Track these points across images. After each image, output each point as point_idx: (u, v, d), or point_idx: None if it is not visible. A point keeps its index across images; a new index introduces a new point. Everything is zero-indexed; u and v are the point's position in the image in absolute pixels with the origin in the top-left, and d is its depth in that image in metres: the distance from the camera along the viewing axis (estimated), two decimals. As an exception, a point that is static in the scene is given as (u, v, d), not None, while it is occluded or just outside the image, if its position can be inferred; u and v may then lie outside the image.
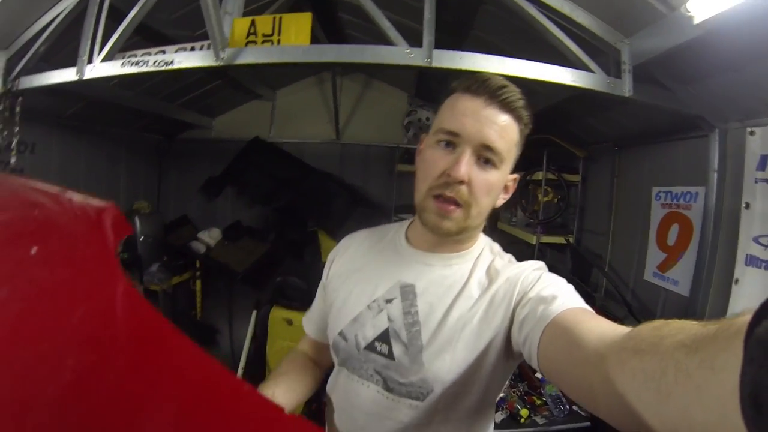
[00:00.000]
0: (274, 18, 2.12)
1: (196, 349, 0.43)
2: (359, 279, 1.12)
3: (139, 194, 4.89)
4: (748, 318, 0.31)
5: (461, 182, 0.92)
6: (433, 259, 1.07)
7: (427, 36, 1.99)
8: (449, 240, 1.04)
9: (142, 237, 4.11)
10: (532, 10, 2.01)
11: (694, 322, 0.45)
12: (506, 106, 0.95)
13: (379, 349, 1.02)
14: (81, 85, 2.44)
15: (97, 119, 3.96)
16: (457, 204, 0.94)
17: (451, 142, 0.95)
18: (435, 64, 1.97)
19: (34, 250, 0.52)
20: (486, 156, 0.94)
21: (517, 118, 0.97)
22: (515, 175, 1.06)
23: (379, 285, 1.07)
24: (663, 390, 0.43)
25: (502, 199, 1.06)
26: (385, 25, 2.02)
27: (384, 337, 1.02)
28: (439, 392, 0.95)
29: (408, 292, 1.04)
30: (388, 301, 1.04)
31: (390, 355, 1.00)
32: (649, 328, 0.53)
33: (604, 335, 0.66)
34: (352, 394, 1.06)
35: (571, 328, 0.76)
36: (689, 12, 1.57)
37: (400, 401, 0.98)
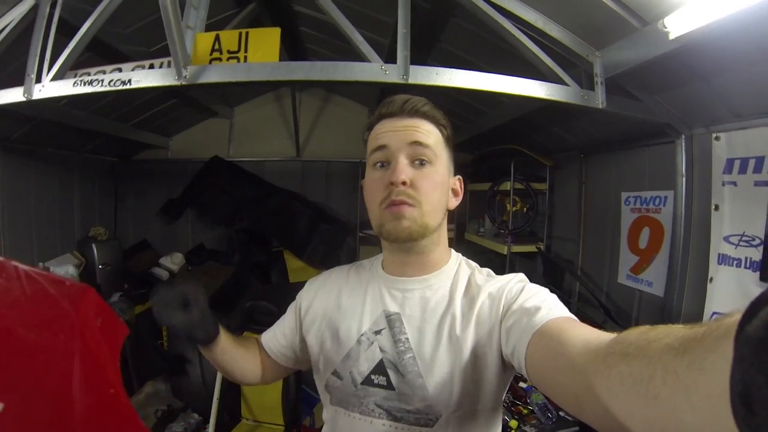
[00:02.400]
0: (240, 33, 2.02)
1: None
2: (343, 316, 1.10)
3: (95, 220, 4.65)
4: (737, 318, 0.30)
5: (404, 183, 0.95)
6: (411, 283, 1.06)
7: (402, 51, 1.95)
8: (417, 253, 1.05)
9: (100, 265, 3.92)
10: (506, 24, 2.02)
11: (681, 326, 0.45)
12: (417, 113, 1.01)
13: (376, 381, 0.99)
14: (28, 105, 2.26)
15: (47, 141, 3.76)
16: (406, 203, 0.96)
17: (384, 160, 1.00)
18: (411, 80, 1.93)
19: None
20: (419, 155, 0.98)
21: (432, 120, 1.03)
22: (459, 177, 1.11)
23: (364, 318, 1.06)
24: (651, 393, 0.42)
25: (454, 201, 1.09)
26: (358, 39, 1.97)
27: (380, 368, 0.99)
28: (446, 416, 0.93)
29: (394, 320, 1.02)
30: (377, 332, 1.03)
31: (389, 386, 0.97)
32: (635, 333, 0.52)
33: (589, 342, 0.66)
34: None
35: (556, 337, 0.76)
36: (666, 27, 1.61)
37: (410, 430, 0.96)
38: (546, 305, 0.87)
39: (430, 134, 1.01)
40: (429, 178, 0.98)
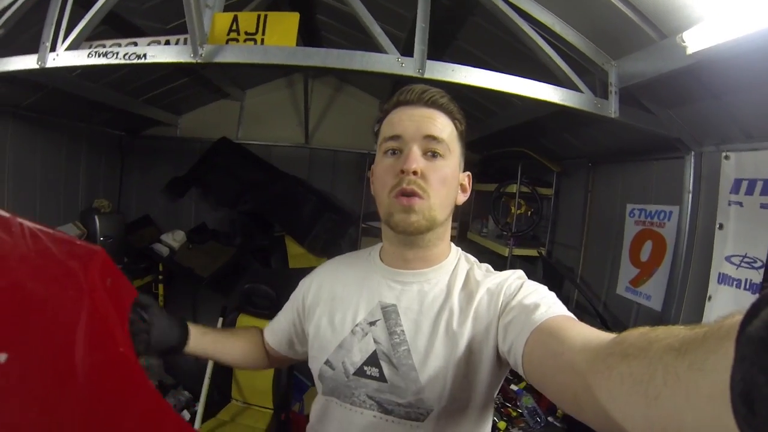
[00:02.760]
0: (259, 15, 2.01)
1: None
2: (338, 306, 1.10)
3: (99, 192, 4.66)
4: (738, 318, 0.30)
5: (414, 173, 0.95)
6: (410, 276, 1.06)
7: (420, 45, 1.95)
8: (421, 247, 1.05)
9: (102, 237, 3.93)
10: (524, 25, 2.01)
11: (682, 327, 0.45)
12: (434, 104, 1.02)
13: (369, 373, 0.99)
14: (41, 73, 2.27)
15: (57, 111, 3.76)
16: (417, 195, 0.96)
17: (397, 148, 1.00)
18: (427, 75, 1.93)
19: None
20: (432, 148, 0.99)
21: (448, 112, 1.03)
22: (468, 173, 1.11)
23: (359, 309, 1.06)
24: (651, 393, 0.42)
25: (462, 197, 1.09)
26: (377, 31, 1.97)
27: (373, 360, 0.99)
28: (438, 411, 0.93)
29: (390, 312, 1.02)
30: (372, 323, 1.03)
31: (382, 378, 0.97)
32: (636, 333, 0.52)
33: (589, 341, 0.66)
34: (346, 423, 1.02)
35: (554, 335, 0.76)
36: (684, 42, 1.60)
37: (399, 423, 0.96)
38: (545, 303, 0.87)
39: (445, 127, 1.01)
40: (440, 171, 0.98)
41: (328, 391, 1.05)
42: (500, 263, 3.74)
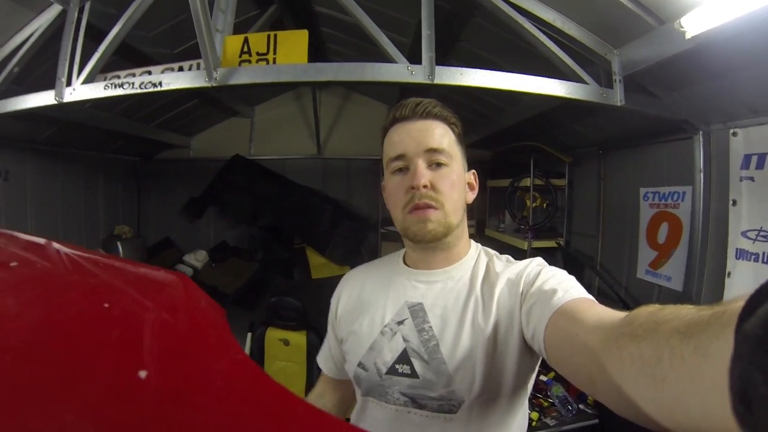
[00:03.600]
0: (269, 35, 2.07)
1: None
2: (366, 310, 1.14)
3: (119, 218, 4.75)
4: (740, 305, 0.31)
5: (425, 186, 1.00)
6: (433, 275, 1.11)
7: (428, 52, 1.99)
8: (442, 250, 1.09)
9: (125, 264, 4.00)
10: (525, 23, 2.05)
11: (690, 307, 0.46)
12: (428, 115, 1.07)
13: (401, 370, 1.02)
14: (60, 108, 2.32)
15: (72, 142, 3.84)
16: (431, 206, 1.01)
17: (403, 167, 1.06)
18: (437, 80, 1.97)
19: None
20: (435, 159, 1.03)
21: (443, 119, 1.08)
22: (473, 171, 1.16)
23: (387, 310, 1.10)
24: (658, 376, 0.43)
25: (471, 195, 1.14)
26: (384, 41, 2.02)
27: (403, 357, 1.03)
28: (469, 402, 0.96)
29: (417, 311, 1.06)
30: (400, 323, 1.06)
31: (413, 374, 1.01)
32: (645, 313, 0.54)
33: (602, 321, 0.68)
34: (382, 419, 1.06)
35: (571, 318, 0.78)
36: (683, 27, 1.64)
37: (433, 417, 0.99)
38: (563, 287, 0.90)
39: (444, 136, 1.06)
40: (447, 178, 1.03)
41: (365, 391, 1.09)
42: (520, 257, 3.72)
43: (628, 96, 2.11)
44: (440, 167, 1.04)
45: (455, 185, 1.05)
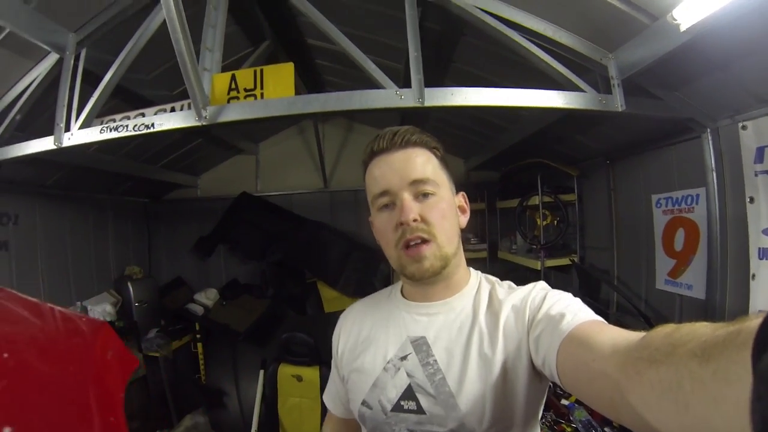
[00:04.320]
0: (255, 71, 2.08)
1: None
2: (368, 347, 1.11)
3: (130, 259, 4.77)
4: (755, 325, 0.31)
5: (415, 221, 0.97)
6: (434, 307, 1.07)
7: (416, 75, 1.96)
8: (441, 281, 1.06)
9: (137, 303, 4.01)
10: (516, 36, 2.02)
11: (706, 325, 0.46)
12: (407, 143, 1.03)
13: (406, 407, 0.99)
14: (60, 152, 2.35)
15: (80, 185, 3.90)
16: (424, 240, 0.98)
17: (389, 203, 1.01)
18: (427, 103, 1.94)
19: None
20: (421, 190, 1.00)
21: (423, 145, 1.05)
22: (462, 192, 1.12)
23: (389, 346, 1.07)
24: (681, 401, 0.43)
25: (464, 219, 1.10)
26: (371, 67, 1.99)
27: (409, 394, 0.99)
28: None
29: (421, 344, 1.03)
30: (403, 358, 1.03)
31: (420, 410, 0.97)
32: (660, 335, 0.53)
33: (617, 346, 0.66)
34: None
35: (583, 344, 0.76)
36: (676, 20, 1.59)
37: None
38: (570, 311, 0.86)
39: (426, 164, 1.02)
40: (436, 207, 1.00)
41: (370, 430, 1.05)
42: (533, 277, 3.65)
43: (629, 100, 2.04)
44: (427, 197, 1.00)
45: (446, 214, 1.01)
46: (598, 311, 0.92)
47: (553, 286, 1.04)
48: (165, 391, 3.81)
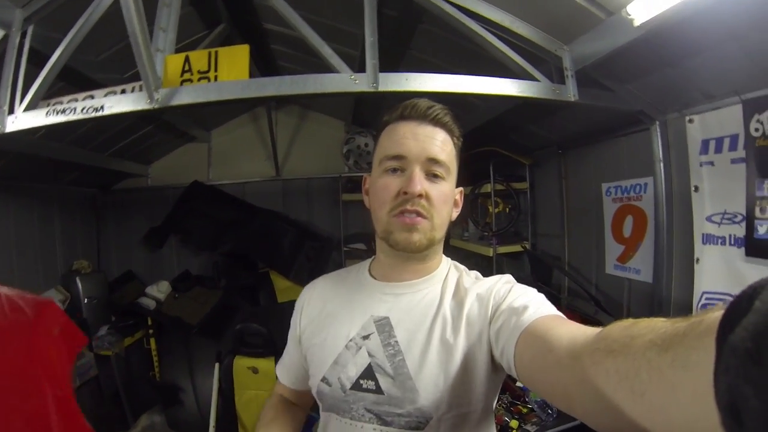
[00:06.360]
0: (210, 53, 2.00)
1: None
2: (331, 322, 1.10)
3: (78, 253, 4.55)
4: (717, 315, 0.31)
5: (420, 196, 0.96)
6: (401, 288, 1.08)
7: (371, 60, 1.94)
8: (417, 261, 1.07)
9: (86, 299, 3.85)
10: (473, 25, 2.03)
11: (663, 320, 0.46)
12: (438, 123, 1.02)
13: (365, 386, 0.99)
14: (2, 138, 2.18)
15: (24, 176, 3.68)
16: (421, 215, 0.97)
17: (398, 167, 1.00)
18: (381, 88, 1.92)
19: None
20: (434, 171, 1.00)
21: (449, 131, 1.05)
22: (461, 189, 1.12)
23: (353, 324, 1.06)
24: (637, 389, 0.43)
25: (455, 212, 1.11)
26: (327, 52, 1.97)
27: (368, 373, 0.99)
28: (437, 418, 0.93)
29: (384, 325, 1.03)
30: (365, 337, 1.03)
31: (378, 390, 0.97)
32: (618, 328, 0.54)
33: (575, 338, 0.67)
34: None
35: (543, 335, 0.77)
36: (629, 15, 1.64)
37: None
38: (533, 304, 0.88)
39: (446, 147, 1.02)
40: (441, 191, 1.00)
41: (327, 407, 1.05)
42: (486, 264, 3.74)
43: (582, 91, 2.10)
44: (436, 179, 1.00)
45: (447, 201, 1.02)
46: (549, 296, 0.94)
47: (506, 272, 1.07)
48: (118, 390, 3.69)
